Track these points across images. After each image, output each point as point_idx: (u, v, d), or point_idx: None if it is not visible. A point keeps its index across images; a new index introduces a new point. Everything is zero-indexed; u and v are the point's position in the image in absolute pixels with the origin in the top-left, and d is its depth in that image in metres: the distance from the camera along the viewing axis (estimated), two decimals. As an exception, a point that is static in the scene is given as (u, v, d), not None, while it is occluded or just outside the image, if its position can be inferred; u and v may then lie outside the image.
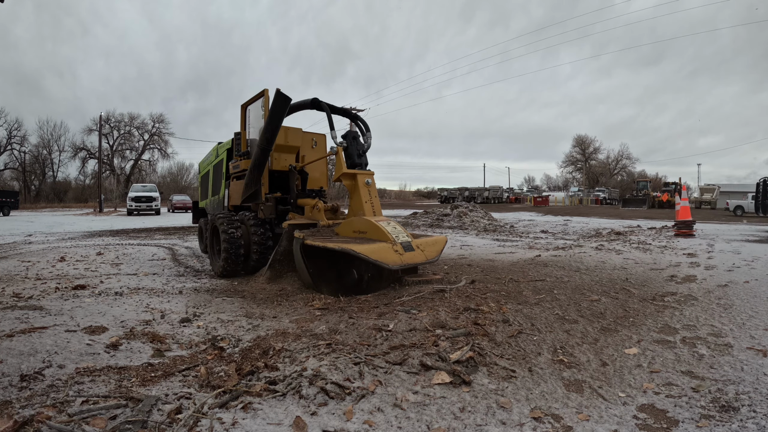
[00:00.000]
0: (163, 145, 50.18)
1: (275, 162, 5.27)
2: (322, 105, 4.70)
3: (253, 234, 4.90)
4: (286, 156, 5.37)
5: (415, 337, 2.32)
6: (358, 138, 4.54)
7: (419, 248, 3.52)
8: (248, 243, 4.94)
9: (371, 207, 4.12)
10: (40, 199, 45.29)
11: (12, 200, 23.01)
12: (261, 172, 4.78)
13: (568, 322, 2.67)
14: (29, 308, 3.00)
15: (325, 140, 5.91)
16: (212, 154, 6.80)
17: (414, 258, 3.40)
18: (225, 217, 5.09)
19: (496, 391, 1.83)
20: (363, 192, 4.14)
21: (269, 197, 5.06)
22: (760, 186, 20.27)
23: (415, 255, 3.43)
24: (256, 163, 4.69)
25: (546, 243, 7.73)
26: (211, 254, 5.50)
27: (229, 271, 4.90)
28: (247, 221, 5.01)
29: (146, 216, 21.37)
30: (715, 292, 3.48)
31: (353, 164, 4.29)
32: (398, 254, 3.31)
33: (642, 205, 29.60)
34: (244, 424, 1.56)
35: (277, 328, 2.74)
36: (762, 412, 1.68)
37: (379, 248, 3.28)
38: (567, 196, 44.06)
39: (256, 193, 4.89)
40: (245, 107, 5.42)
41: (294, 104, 4.88)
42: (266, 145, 4.53)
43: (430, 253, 3.60)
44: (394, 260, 3.25)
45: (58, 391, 1.76)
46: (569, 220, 15.10)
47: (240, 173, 5.32)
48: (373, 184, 4.29)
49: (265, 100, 4.88)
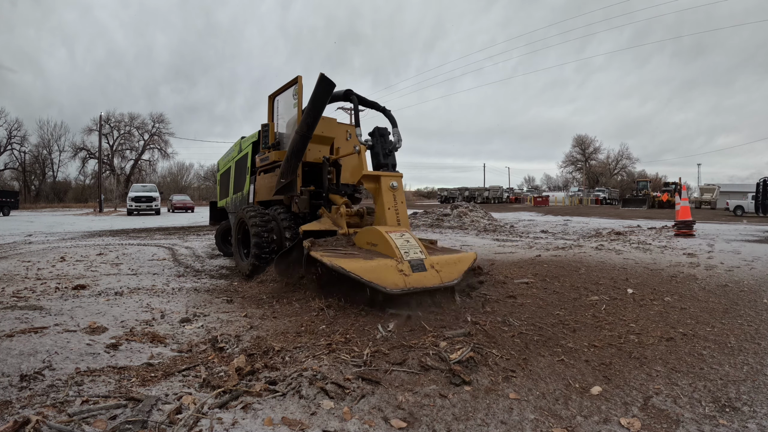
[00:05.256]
0: (163, 145, 50.27)
1: (309, 153, 4.86)
2: (352, 97, 4.40)
3: (285, 230, 4.54)
4: (320, 147, 5.00)
5: (415, 337, 2.32)
6: (386, 135, 4.14)
7: (433, 267, 2.95)
8: (280, 240, 4.58)
9: (395, 214, 3.65)
10: (40, 199, 45.30)
11: (12, 200, 22.99)
12: (299, 160, 4.43)
13: (569, 323, 2.67)
14: (29, 308, 3.00)
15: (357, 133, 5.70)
16: (234, 150, 6.55)
17: (422, 281, 2.82)
18: (255, 212, 4.72)
19: (496, 391, 1.83)
20: (387, 197, 3.67)
21: (304, 190, 4.69)
22: (760, 186, 20.27)
23: (425, 276, 2.85)
24: (294, 151, 4.33)
25: (546, 243, 7.73)
26: (238, 253, 5.16)
27: (259, 270, 4.53)
28: (278, 216, 4.65)
29: (146, 216, 21.35)
30: (716, 292, 3.47)
31: (378, 164, 3.91)
32: (402, 275, 2.78)
33: (642, 205, 29.59)
34: (244, 424, 1.55)
35: (277, 328, 2.73)
36: (763, 412, 1.67)
37: (378, 266, 2.79)
38: (567, 196, 44.04)
39: (292, 184, 4.54)
40: (273, 98, 5.21)
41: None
42: (306, 131, 4.22)
43: (447, 274, 2.97)
44: (394, 282, 2.71)
45: (58, 391, 1.76)
46: (569, 220, 15.09)
47: (269, 166, 5.05)
48: (399, 187, 3.79)
49: (298, 89, 4.66)
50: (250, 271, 4.62)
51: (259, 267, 4.57)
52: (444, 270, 2.97)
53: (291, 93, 4.88)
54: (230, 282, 4.57)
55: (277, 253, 4.57)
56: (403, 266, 2.84)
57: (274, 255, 4.56)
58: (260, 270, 4.57)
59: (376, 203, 3.84)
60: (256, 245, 4.53)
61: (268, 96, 5.31)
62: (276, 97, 5.21)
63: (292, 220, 4.63)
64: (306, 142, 4.34)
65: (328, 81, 3.98)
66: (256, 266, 4.57)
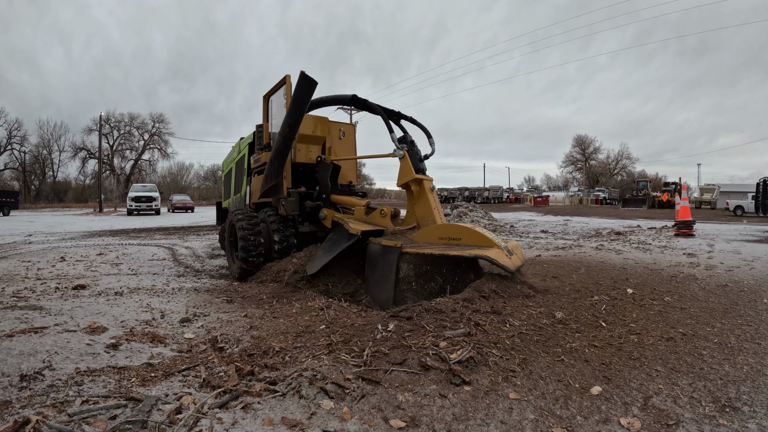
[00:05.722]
0: (163, 145, 50.28)
1: (299, 153, 4.84)
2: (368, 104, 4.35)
3: (274, 233, 4.49)
4: (312, 147, 4.94)
5: (415, 337, 2.32)
6: (414, 143, 4.29)
7: (515, 253, 3.42)
8: (269, 243, 4.55)
9: (438, 214, 3.89)
10: (40, 199, 45.32)
11: (12, 200, 23.00)
12: (283, 162, 4.40)
13: (569, 323, 2.67)
14: (29, 308, 3.00)
15: (354, 131, 5.51)
16: (234, 151, 6.52)
17: (516, 262, 3.28)
18: (243, 214, 4.70)
19: (496, 391, 1.83)
20: (430, 198, 3.93)
21: (292, 192, 4.63)
22: (760, 186, 20.26)
23: (516, 259, 3.33)
24: (277, 153, 4.30)
25: (546, 243, 7.72)
26: (229, 255, 5.15)
27: (247, 274, 4.52)
28: (267, 219, 4.60)
29: (146, 216, 21.35)
30: (716, 292, 3.47)
31: (417, 170, 4.05)
32: (509, 258, 3.17)
33: (642, 205, 29.59)
34: (244, 424, 1.55)
35: (277, 328, 2.74)
36: (763, 412, 1.68)
37: (498, 253, 3.12)
38: (567, 196, 44.05)
39: (277, 186, 4.49)
40: (267, 98, 5.15)
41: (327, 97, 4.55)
42: (289, 132, 4.17)
43: (520, 256, 3.54)
44: (510, 264, 3.10)
45: (58, 391, 1.76)
46: (569, 220, 15.09)
47: (261, 167, 4.96)
48: (435, 191, 4.11)
49: (287, 88, 4.59)
50: (239, 275, 4.59)
51: (247, 270, 4.52)
52: (518, 253, 3.53)
53: (282, 93, 4.82)
54: (230, 282, 4.57)
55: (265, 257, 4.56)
56: (505, 252, 3.24)
57: (261, 258, 4.54)
58: (249, 273, 4.52)
59: (417, 203, 4.01)
60: (243, 249, 4.50)
61: (262, 96, 5.27)
62: (270, 97, 5.16)
63: (281, 223, 4.57)
64: (289, 144, 4.31)
65: (309, 79, 3.93)
66: (244, 270, 4.53)
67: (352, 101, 4.50)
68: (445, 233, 3.51)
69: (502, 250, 3.20)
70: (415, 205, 4.02)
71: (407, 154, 4.01)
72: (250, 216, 4.72)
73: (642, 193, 33.26)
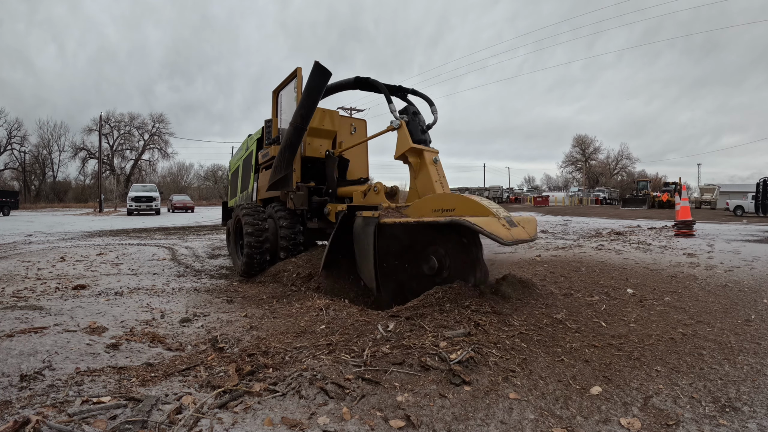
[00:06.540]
0: (163, 145, 50.30)
1: (308, 147, 4.69)
2: (370, 81, 4.14)
3: (281, 228, 4.34)
4: (322, 141, 4.79)
5: (415, 337, 2.32)
6: (418, 114, 4.01)
7: (520, 225, 2.99)
8: (275, 238, 4.43)
9: (441, 187, 3.57)
10: (40, 199, 45.32)
11: (12, 200, 23.02)
12: (293, 154, 4.25)
13: (569, 323, 2.67)
14: (29, 308, 3.00)
15: (365, 126, 5.35)
16: (242, 148, 6.48)
17: (520, 234, 2.85)
18: (250, 209, 4.60)
19: (496, 391, 1.83)
20: (431, 170, 3.62)
21: (301, 186, 4.48)
22: (760, 186, 20.27)
23: (520, 231, 2.90)
24: (287, 144, 4.17)
25: (546, 243, 7.72)
26: (234, 252, 5.05)
27: (253, 271, 4.41)
28: (275, 213, 4.47)
29: (146, 216, 21.36)
30: (716, 292, 3.47)
31: (418, 140, 3.78)
32: (506, 229, 2.78)
33: (642, 205, 29.58)
34: (244, 424, 1.55)
35: (277, 328, 2.74)
36: (763, 412, 1.67)
37: (488, 221, 2.74)
38: (567, 196, 44.06)
39: (286, 178, 4.32)
40: (277, 92, 5.07)
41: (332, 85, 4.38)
42: (301, 122, 4.05)
43: (530, 230, 3.04)
44: (506, 235, 2.70)
45: (58, 391, 1.76)
46: (569, 220, 15.08)
47: (269, 161, 4.84)
48: (440, 163, 3.75)
49: (298, 81, 4.49)
50: (244, 271, 4.49)
51: (252, 266, 4.42)
52: (527, 227, 2.99)
53: (292, 87, 4.74)
54: (230, 282, 4.57)
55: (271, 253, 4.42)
56: (503, 221, 2.84)
57: (267, 256, 4.42)
58: (254, 269, 4.42)
59: (418, 176, 3.72)
60: (249, 245, 4.40)
61: (272, 91, 5.22)
62: (280, 92, 5.09)
63: (289, 218, 4.45)
64: (301, 135, 4.18)
65: (323, 69, 3.83)
66: (249, 265, 4.44)
67: (356, 83, 4.33)
68: (438, 204, 3.23)
69: (499, 219, 2.84)
70: (416, 179, 3.75)
71: (405, 124, 3.75)
72: (257, 210, 4.63)
73: (642, 193, 33.26)
